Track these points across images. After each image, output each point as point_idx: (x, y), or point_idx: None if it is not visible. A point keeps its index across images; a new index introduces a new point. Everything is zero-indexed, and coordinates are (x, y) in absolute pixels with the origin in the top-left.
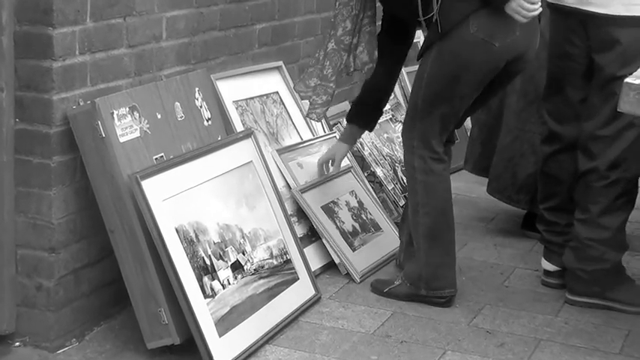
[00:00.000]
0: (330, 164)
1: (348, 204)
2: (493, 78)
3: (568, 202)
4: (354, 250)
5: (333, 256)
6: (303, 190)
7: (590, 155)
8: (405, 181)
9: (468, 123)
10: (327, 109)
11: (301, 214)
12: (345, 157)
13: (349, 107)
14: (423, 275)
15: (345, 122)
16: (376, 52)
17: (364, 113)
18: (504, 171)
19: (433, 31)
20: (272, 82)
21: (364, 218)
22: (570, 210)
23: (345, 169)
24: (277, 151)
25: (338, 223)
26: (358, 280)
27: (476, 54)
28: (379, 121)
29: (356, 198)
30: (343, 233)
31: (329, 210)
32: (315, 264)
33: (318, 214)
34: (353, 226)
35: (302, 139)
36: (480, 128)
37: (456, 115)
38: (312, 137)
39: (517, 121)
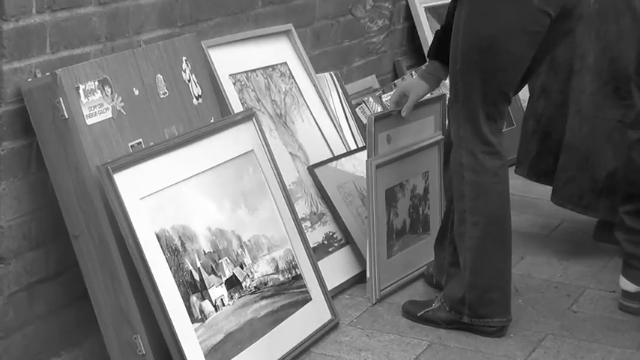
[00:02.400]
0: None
1: (414, 189)
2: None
3: None
4: (389, 256)
5: (368, 265)
6: (380, 165)
7: None
8: None
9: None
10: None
11: (316, 218)
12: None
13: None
14: (467, 299)
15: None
16: None
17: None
18: (580, 173)
19: None
20: (279, 51)
21: (419, 213)
22: None
23: (433, 139)
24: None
25: (392, 216)
26: (374, 301)
27: (510, 13)
28: None
29: (425, 182)
30: (389, 231)
31: (392, 195)
32: (333, 281)
33: (378, 200)
34: (404, 221)
35: (316, 121)
36: (537, 119)
37: (507, 90)
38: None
39: (592, 106)
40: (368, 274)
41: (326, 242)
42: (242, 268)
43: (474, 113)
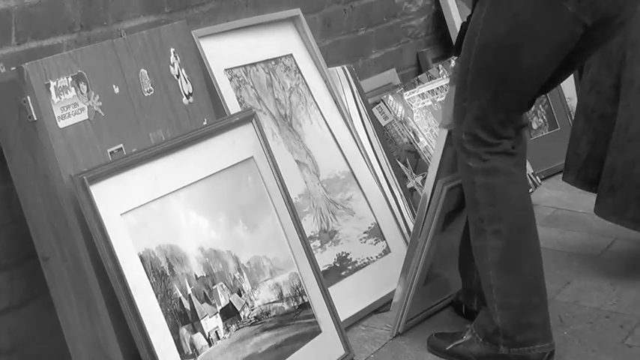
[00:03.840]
0: None
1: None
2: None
3: None
4: (427, 281)
5: (398, 288)
6: (452, 188)
7: None
8: None
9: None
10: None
11: (327, 236)
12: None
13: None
14: (501, 325)
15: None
16: None
17: None
18: (626, 181)
19: None
20: (283, 41)
21: None
22: None
23: None
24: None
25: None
26: (394, 333)
27: (540, 17)
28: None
29: None
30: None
31: (449, 220)
32: (346, 310)
33: (437, 225)
34: None
35: (327, 122)
36: (588, 118)
37: (522, 100)
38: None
39: None
40: (396, 299)
41: (338, 265)
42: (240, 295)
43: (482, 118)
